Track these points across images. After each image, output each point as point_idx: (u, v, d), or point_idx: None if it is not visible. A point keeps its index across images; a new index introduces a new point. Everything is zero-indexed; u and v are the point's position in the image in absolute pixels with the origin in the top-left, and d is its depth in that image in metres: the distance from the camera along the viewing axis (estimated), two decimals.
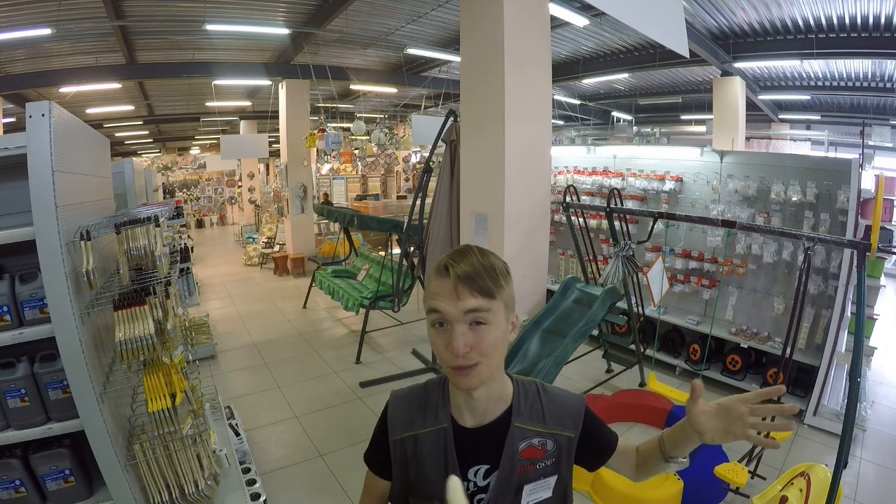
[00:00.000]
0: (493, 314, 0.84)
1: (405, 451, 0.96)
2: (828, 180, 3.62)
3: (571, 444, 0.95)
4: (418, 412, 0.97)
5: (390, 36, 6.98)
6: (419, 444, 0.94)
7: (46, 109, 1.52)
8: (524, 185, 2.79)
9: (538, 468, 0.92)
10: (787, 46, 6.41)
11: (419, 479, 0.94)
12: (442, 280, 0.85)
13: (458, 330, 0.82)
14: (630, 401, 3.54)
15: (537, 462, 0.92)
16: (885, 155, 9.18)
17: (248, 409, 3.76)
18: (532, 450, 0.92)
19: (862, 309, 2.18)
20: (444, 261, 0.86)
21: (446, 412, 0.94)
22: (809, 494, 2.25)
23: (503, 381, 0.95)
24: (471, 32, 2.85)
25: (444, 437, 0.93)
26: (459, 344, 0.81)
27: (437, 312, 0.84)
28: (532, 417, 0.93)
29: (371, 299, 4.83)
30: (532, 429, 0.92)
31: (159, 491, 1.79)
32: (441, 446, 0.92)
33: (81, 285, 1.63)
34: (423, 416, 0.96)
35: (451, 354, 0.83)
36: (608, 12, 1.77)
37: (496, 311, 0.84)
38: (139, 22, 5.73)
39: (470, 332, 0.83)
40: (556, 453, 0.93)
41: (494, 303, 0.84)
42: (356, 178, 16.74)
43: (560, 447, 0.94)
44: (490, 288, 0.83)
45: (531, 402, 0.95)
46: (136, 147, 16.94)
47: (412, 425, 0.96)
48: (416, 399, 0.99)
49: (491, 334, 0.84)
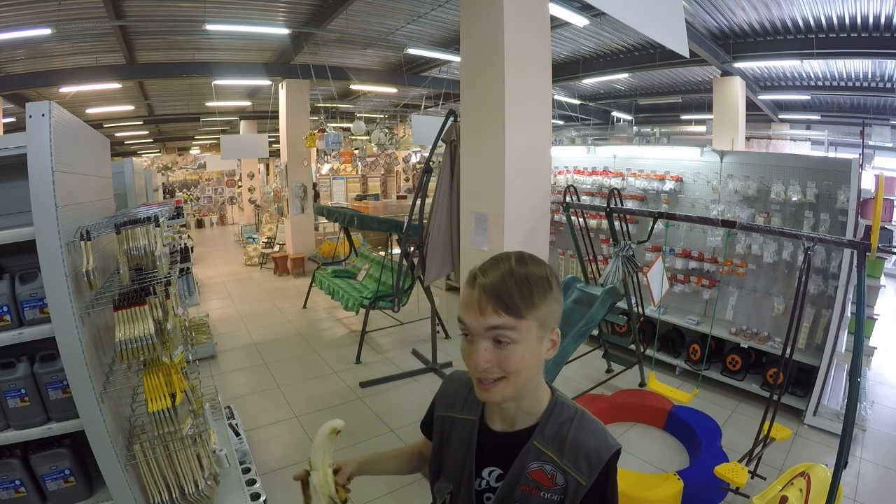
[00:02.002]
0: (518, 333, 0.77)
1: (443, 428, 1.00)
2: (828, 180, 3.62)
3: (580, 491, 0.82)
4: (461, 398, 0.99)
5: (390, 36, 6.98)
6: (454, 428, 0.97)
7: (46, 109, 1.53)
8: (524, 185, 2.79)
9: (542, 497, 0.83)
10: (787, 46, 6.41)
11: (447, 461, 0.97)
12: (469, 290, 0.80)
13: (480, 345, 0.78)
14: (630, 401, 3.54)
15: (543, 490, 0.83)
16: (885, 155, 9.18)
17: (248, 409, 3.76)
18: (542, 475, 0.84)
19: (862, 309, 2.18)
20: (475, 268, 0.82)
21: (479, 408, 0.95)
22: (809, 494, 2.25)
23: (538, 396, 0.89)
24: (471, 32, 2.85)
25: (471, 430, 0.94)
26: (479, 360, 0.78)
27: (462, 323, 0.81)
28: (553, 442, 0.85)
29: (371, 299, 4.83)
30: (548, 453, 0.85)
31: (159, 491, 1.79)
32: (466, 438, 0.94)
33: (81, 285, 1.63)
34: (463, 404, 0.98)
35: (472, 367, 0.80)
36: (608, 12, 1.77)
37: (524, 330, 0.77)
38: (139, 22, 5.73)
39: (493, 349, 0.78)
40: (563, 491, 0.83)
41: (522, 322, 0.77)
42: (356, 178, 16.74)
43: (569, 488, 0.82)
44: (517, 306, 0.76)
45: (558, 427, 0.86)
46: (136, 147, 16.94)
47: (453, 407, 0.99)
48: (463, 385, 1.00)
49: (516, 353, 0.78)
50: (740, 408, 3.74)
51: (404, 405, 3.81)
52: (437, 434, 1.01)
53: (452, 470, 0.95)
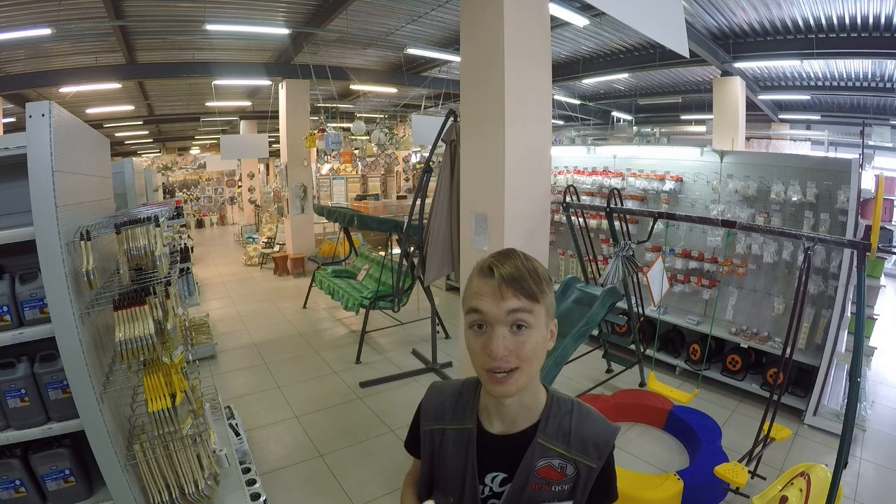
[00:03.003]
0: (535, 317, 0.82)
1: (433, 442, 0.98)
2: (828, 180, 3.62)
3: (591, 474, 0.88)
4: (450, 407, 0.98)
5: (390, 36, 6.98)
6: (446, 439, 0.96)
7: (46, 109, 1.53)
8: (524, 185, 2.78)
9: (553, 490, 0.88)
10: (787, 46, 6.41)
11: (442, 474, 0.96)
12: (485, 280, 0.83)
13: (498, 332, 0.81)
14: (630, 401, 3.54)
15: (553, 484, 0.88)
16: (885, 155, 9.18)
17: (248, 409, 3.76)
18: (550, 470, 0.88)
19: (862, 309, 2.18)
20: (487, 261, 0.85)
21: (473, 414, 0.95)
22: (809, 494, 2.25)
23: (536, 392, 0.92)
24: (471, 32, 2.85)
25: (468, 438, 0.93)
26: (499, 347, 0.80)
27: (477, 313, 0.83)
28: (557, 437, 0.89)
29: (371, 299, 4.83)
30: (555, 448, 0.88)
31: (159, 491, 1.79)
32: (464, 447, 0.93)
33: (81, 285, 1.63)
34: (453, 413, 0.97)
35: (487, 357, 0.81)
36: (608, 12, 1.77)
37: (538, 315, 0.83)
38: (139, 22, 5.73)
39: (511, 336, 0.81)
40: (574, 479, 0.88)
41: (538, 306, 0.83)
42: (356, 178, 16.73)
43: (580, 474, 0.88)
44: (534, 291, 0.82)
45: (560, 421, 0.90)
46: (136, 147, 16.94)
47: (442, 419, 0.98)
48: (450, 393, 1.00)
49: (532, 339, 0.82)
50: (740, 408, 3.74)
51: (404, 405, 3.81)
52: (426, 449, 0.99)
53: (450, 482, 0.94)
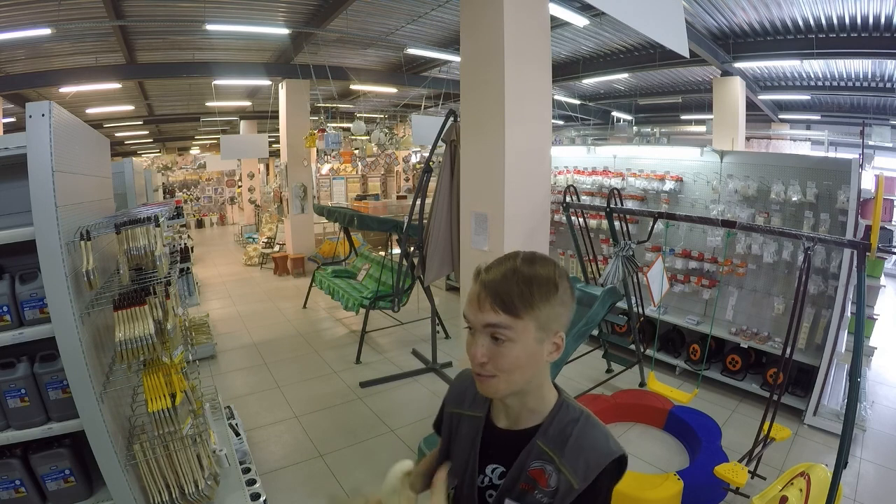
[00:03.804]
0: (515, 333, 0.78)
1: (451, 424, 1.01)
2: (828, 180, 3.62)
3: (569, 495, 0.79)
4: (470, 394, 0.99)
5: (390, 36, 6.98)
6: (461, 425, 0.98)
7: (46, 109, 1.53)
8: (524, 185, 2.79)
9: (535, 497, 0.82)
10: (787, 46, 6.41)
11: (453, 456, 0.98)
12: (472, 285, 0.83)
13: (478, 339, 0.81)
14: (630, 401, 3.54)
15: (538, 490, 0.82)
16: (885, 155, 9.18)
17: (248, 409, 3.76)
18: (541, 474, 0.83)
19: (862, 309, 2.18)
20: (483, 264, 0.84)
21: (485, 405, 0.96)
22: (809, 494, 2.25)
23: (543, 396, 0.89)
24: (471, 32, 2.85)
25: (477, 428, 0.95)
26: (476, 353, 0.80)
27: (465, 317, 0.83)
28: (555, 443, 0.85)
29: (371, 299, 4.83)
30: (549, 453, 0.84)
31: (159, 491, 1.79)
32: (472, 435, 0.95)
33: (81, 285, 1.63)
34: (472, 401, 0.99)
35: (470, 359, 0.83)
36: (608, 12, 1.77)
37: (520, 330, 0.78)
38: (139, 22, 5.73)
39: (490, 345, 0.79)
40: (553, 494, 0.81)
41: (519, 322, 0.77)
42: (356, 178, 16.73)
43: (559, 491, 0.80)
44: (515, 306, 0.77)
45: (562, 428, 0.86)
46: (136, 147, 16.93)
47: (462, 404, 1.00)
48: (471, 382, 0.99)
49: (512, 352, 0.78)
50: (740, 408, 3.74)
51: (404, 405, 3.81)
52: (445, 430, 1.03)
53: (457, 466, 0.96)
